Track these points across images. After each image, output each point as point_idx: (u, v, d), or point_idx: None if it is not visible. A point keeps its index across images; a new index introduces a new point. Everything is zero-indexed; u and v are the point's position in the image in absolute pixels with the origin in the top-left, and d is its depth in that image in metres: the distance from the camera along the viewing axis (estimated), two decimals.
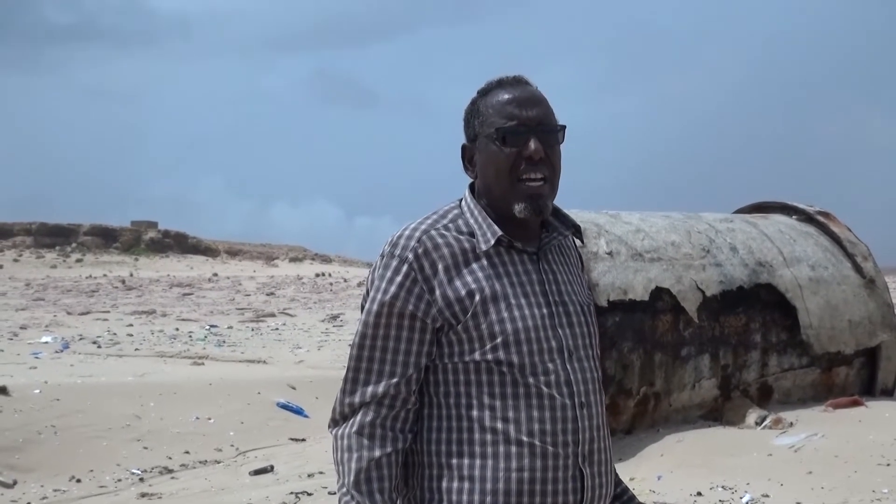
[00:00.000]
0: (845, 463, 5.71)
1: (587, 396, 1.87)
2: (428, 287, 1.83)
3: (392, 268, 1.85)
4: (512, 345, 1.82)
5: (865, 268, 7.99)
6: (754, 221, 8.18)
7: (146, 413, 7.99)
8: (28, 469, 6.55)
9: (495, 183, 1.88)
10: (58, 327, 18.01)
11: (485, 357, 1.82)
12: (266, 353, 13.80)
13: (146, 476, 6.67)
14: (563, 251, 2.00)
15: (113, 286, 34.86)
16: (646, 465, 5.99)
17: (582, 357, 1.89)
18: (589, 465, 1.86)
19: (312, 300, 28.67)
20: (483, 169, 1.91)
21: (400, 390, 1.84)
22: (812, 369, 7.47)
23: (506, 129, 1.86)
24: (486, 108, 1.90)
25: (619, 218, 7.43)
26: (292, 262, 63.16)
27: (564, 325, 1.88)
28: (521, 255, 1.90)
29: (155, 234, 65.55)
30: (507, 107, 1.87)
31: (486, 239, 1.86)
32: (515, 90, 1.90)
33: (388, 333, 1.84)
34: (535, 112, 1.87)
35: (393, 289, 1.84)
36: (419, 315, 1.83)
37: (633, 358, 6.67)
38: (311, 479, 6.51)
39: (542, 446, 1.81)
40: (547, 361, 1.84)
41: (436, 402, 1.87)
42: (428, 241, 1.86)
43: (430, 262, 1.84)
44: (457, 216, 1.92)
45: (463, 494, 1.82)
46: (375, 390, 1.84)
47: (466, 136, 1.96)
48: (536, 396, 1.82)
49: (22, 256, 55.72)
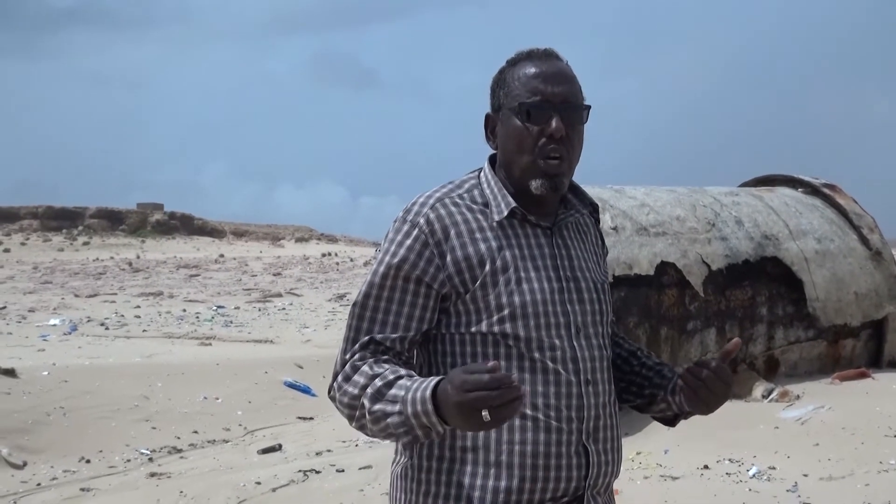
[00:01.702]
0: (852, 435, 5.71)
1: (594, 374, 1.86)
2: (439, 251, 1.81)
3: (403, 232, 1.84)
4: (519, 318, 1.80)
5: (872, 240, 7.96)
6: (760, 195, 8.15)
7: (154, 394, 8.03)
8: (37, 450, 6.59)
9: (515, 157, 1.86)
10: (66, 310, 18.09)
11: (491, 329, 1.81)
12: (273, 333, 13.84)
13: (155, 456, 6.71)
14: (581, 229, 1.97)
15: (120, 268, 34.96)
16: (653, 439, 6.00)
17: (591, 334, 1.87)
18: (594, 442, 1.85)
19: (319, 280, 28.72)
20: (504, 141, 1.89)
21: (395, 345, 1.82)
22: (818, 342, 7.46)
23: (529, 104, 1.83)
24: (512, 79, 1.87)
25: (623, 192, 7.40)
26: (298, 243, 63.25)
27: (574, 301, 1.86)
28: (535, 228, 1.88)
29: (161, 217, 65.67)
30: (533, 81, 1.84)
31: (499, 210, 1.85)
32: (543, 64, 1.86)
33: (391, 295, 1.82)
34: (561, 89, 1.84)
35: (402, 251, 1.82)
36: (426, 279, 1.81)
37: (638, 333, 6.66)
38: (319, 457, 6.53)
39: (545, 420, 1.80)
40: (554, 337, 1.82)
41: (441, 373, 1.84)
42: (441, 207, 1.84)
43: (441, 228, 1.82)
44: (473, 186, 1.90)
45: (467, 465, 1.81)
46: (374, 336, 1.81)
47: (491, 105, 1.93)
48: (542, 371, 1.81)
49: (29, 240, 55.89)
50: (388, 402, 1.70)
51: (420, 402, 1.64)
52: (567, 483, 1.82)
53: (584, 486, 1.84)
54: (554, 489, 1.81)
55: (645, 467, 5.60)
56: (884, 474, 5.12)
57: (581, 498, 1.84)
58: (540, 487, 1.80)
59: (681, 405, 1.94)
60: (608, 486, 1.91)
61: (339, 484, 5.77)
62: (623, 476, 5.48)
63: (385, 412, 1.70)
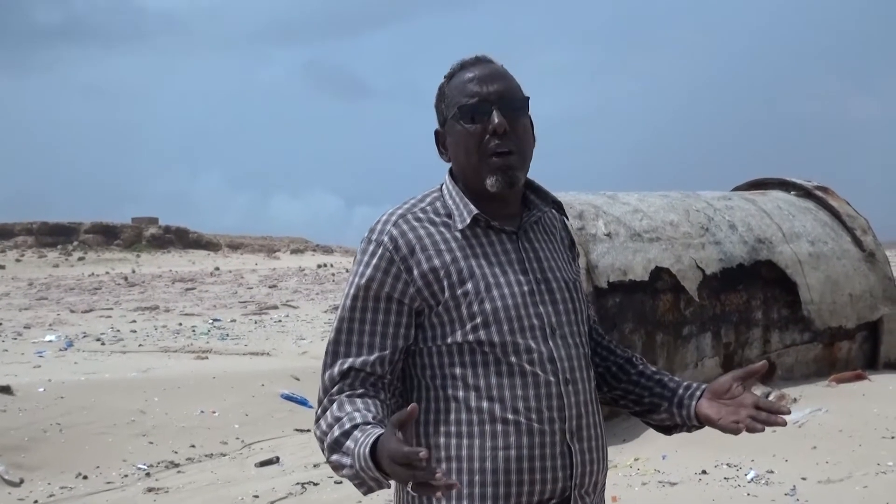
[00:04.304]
0: (850, 437, 5.71)
1: (573, 373, 1.87)
2: (405, 267, 1.84)
3: (369, 252, 1.87)
4: (492, 324, 1.82)
5: (865, 241, 7.97)
6: (752, 198, 8.16)
7: (151, 408, 8.00)
8: (34, 467, 6.56)
9: (466, 161, 1.89)
10: (61, 325, 18.04)
11: (466, 338, 1.83)
12: (269, 346, 13.81)
13: (152, 471, 6.68)
14: (547, 228, 2.00)
15: (115, 283, 34.90)
16: (650, 445, 6.00)
17: (566, 334, 1.89)
18: (577, 441, 1.86)
19: (315, 291, 28.68)
20: (454, 150, 1.92)
21: (375, 369, 1.85)
22: (814, 344, 7.47)
23: (468, 105, 1.86)
24: (450, 90, 1.92)
25: (616, 199, 7.41)
26: (294, 254, 63.20)
27: (547, 301, 1.88)
28: (500, 234, 1.90)
29: (156, 230, 65.60)
30: (469, 85, 1.88)
31: (462, 219, 1.87)
32: (476, 68, 1.90)
33: (364, 316, 1.86)
34: (496, 86, 1.87)
35: (369, 271, 1.86)
36: (395, 296, 1.84)
37: (634, 339, 6.67)
38: (317, 469, 6.52)
39: (527, 423, 1.81)
40: (529, 339, 1.83)
41: (423, 385, 1.88)
42: (404, 223, 1.87)
43: (406, 243, 1.85)
44: (435, 199, 1.93)
45: (451, 474, 1.82)
46: (354, 362, 1.84)
47: (438, 122, 1.97)
48: (520, 375, 1.82)
49: (24, 256, 55.76)
50: (342, 453, 1.75)
51: (363, 459, 1.68)
52: (553, 484, 1.83)
53: (570, 486, 1.85)
54: (540, 491, 1.83)
55: (643, 473, 5.59)
56: (882, 476, 5.12)
57: (568, 499, 1.85)
58: (526, 491, 1.82)
59: (686, 419, 1.95)
60: (596, 484, 1.92)
61: (337, 496, 5.76)
62: (621, 482, 5.47)
63: (340, 463, 1.75)
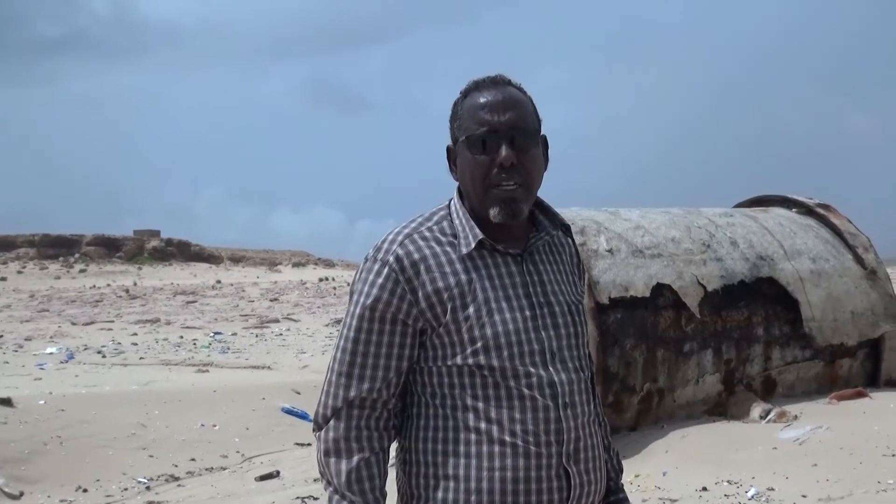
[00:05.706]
0: (850, 455, 5.70)
1: (571, 397, 1.87)
2: (410, 288, 1.84)
3: (374, 271, 1.87)
4: (492, 349, 1.83)
5: (867, 259, 7.98)
6: (754, 215, 8.18)
7: (151, 421, 8.00)
8: (34, 480, 6.56)
9: (472, 188, 1.89)
10: (62, 338, 18.03)
11: (466, 361, 1.84)
12: (270, 359, 13.80)
13: (152, 484, 6.68)
14: (554, 249, 1.99)
15: (117, 295, 34.87)
16: (651, 462, 5.99)
17: (566, 358, 1.89)
18: (574, 464, 1.86)
19: (316, 305, 28.66)
20: (461, 174, 1.92)
21: (381, 394, 1.86)
22: (815, 362, 7.46)
23: (477, 135, 1.85)
24: (463, 111, 1.90)
25: (618, 215, 7.43)
26: (295, 268, 63.16)
27: (549, 326, 1.88)
28: (505, 257, 1.90)
29: (158, 243, 65.60)
30: (480, 112, 1.86)
31: (467, 242, 1.87)
32: (489, 93, 1.87)
33: (369, 339, 1.86)
34: (508, 116, 1.85)
35: (375, 292, 1.86)
36: (400, 317, 1.85)
37: (635, 355, 6.67)
38: (317, 483, 6.51)
39: (524, 446, 1.82)
40: (528, 365, 1.84)
41: (424, 402, 1.89)
42: (410, 243, 1.87)
43: (411, 264, 1.85)
44: (442, 218, 1.93)
45: (449, 493, 1.84)
46: (359, 393, 1.86)
47: (451, 138, 1.96)
48: (518, 398, 1.83)
49: (26, 268, 55.75)
50: None
51: None
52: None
53: None
54: None
55: (643, 490, 5.58)
56: (882, 494, 5.11)
57: None
58: None
59: None
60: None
61: None
62: None
63: None
